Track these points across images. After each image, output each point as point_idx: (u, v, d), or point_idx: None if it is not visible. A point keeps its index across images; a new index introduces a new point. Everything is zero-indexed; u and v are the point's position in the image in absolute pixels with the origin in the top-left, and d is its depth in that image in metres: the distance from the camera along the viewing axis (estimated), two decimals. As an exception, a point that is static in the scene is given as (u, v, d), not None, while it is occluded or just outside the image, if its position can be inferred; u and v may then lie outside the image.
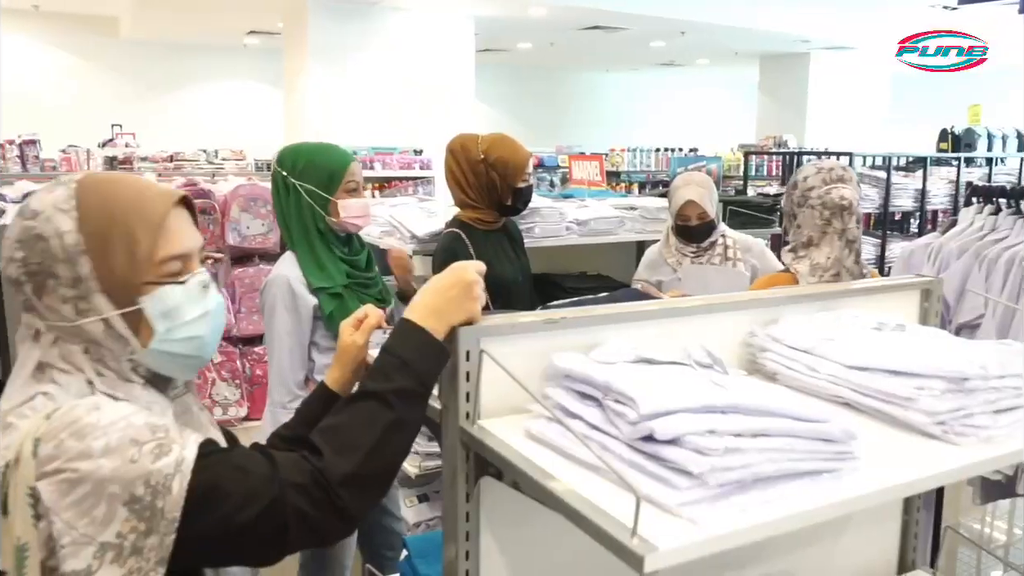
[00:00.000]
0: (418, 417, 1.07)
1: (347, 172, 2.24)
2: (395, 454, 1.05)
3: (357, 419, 1.02)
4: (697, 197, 2.90)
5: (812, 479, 0.92)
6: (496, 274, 2.64)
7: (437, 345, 1.07)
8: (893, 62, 13.25)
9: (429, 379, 1.07)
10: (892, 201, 5.23)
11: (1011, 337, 2.13)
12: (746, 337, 1.35)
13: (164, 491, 0.90)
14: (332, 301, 2.22)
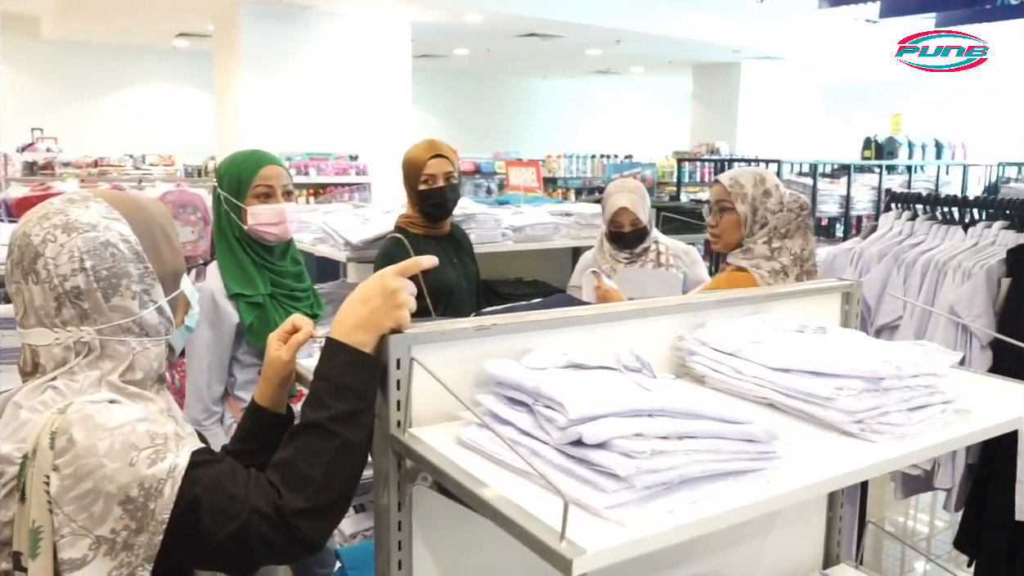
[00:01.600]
0: (365, 434, 1.07)
1: (256, 177, 2.14)
2: (348, 477, 1.05)
3: (302, 452, 1.04)
4: (630, 204, 2.94)
5: (737, 479, 0.94)
6: (437, 279, 2.65)
7: (366, 359, 1.06)
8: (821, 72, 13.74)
9: (366, 394, 1.07)
10: (819, 207, 5.40)
11: (927, 337, 2.22)
12: (675, 341, 1.37)
13: (156, 494, 0.98)
14: (253, 311, 2.13)
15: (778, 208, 2.27)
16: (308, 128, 8.90)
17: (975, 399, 1.25)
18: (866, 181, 5.84)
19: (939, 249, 2.29)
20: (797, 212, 2.28)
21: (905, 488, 2.36)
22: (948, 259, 2.22)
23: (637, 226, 2.95)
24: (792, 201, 2.30)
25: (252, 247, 2.18)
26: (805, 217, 2.31)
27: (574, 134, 16.18)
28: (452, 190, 2.78)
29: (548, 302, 1.88)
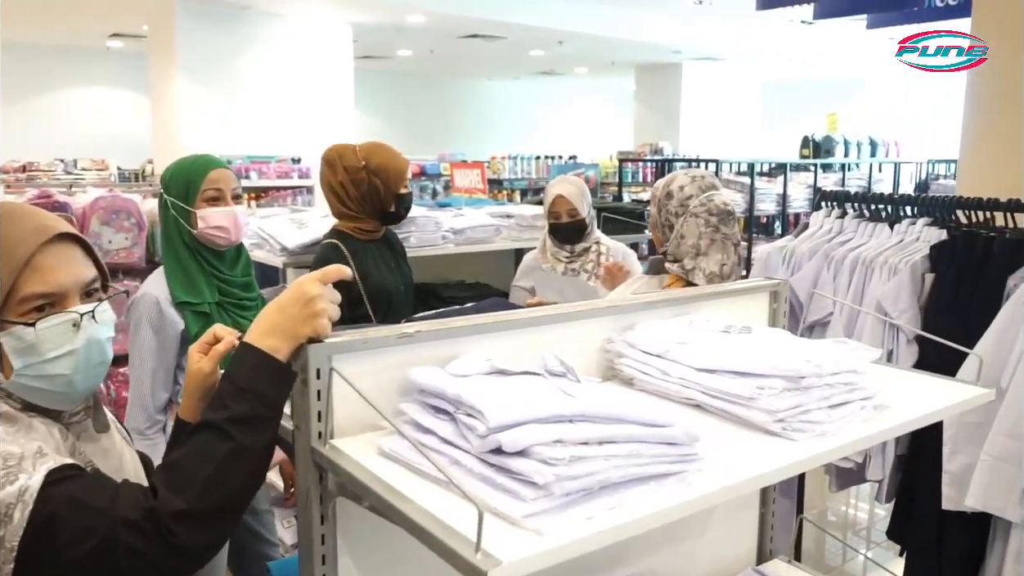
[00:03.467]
0: (263, 442, 1.03)
1: (205, 180, 2.11)
2: (238, 484, 1.01)
3: (193, 452, 1.00)
4: (567, 194, 2.96)
5: (657, 482, 0.94)
6: (377, 284, 2.65)
7: (276, 365, 1.03)
8: (760, 72, 14.01)
9: (272, 401, 1.04)
10: (757, 205, 5.50)
11: (856, 332, 2.26)
12: (604, 344, 1.37)
13: (6, 520, 0.91)
14: (199, 320, 2.09)
15: (679, 210, 2.18)
16: (248, 131, 8.74)
17: (895, 394, 1.27)
18: (802, 179, 5.97)
19: (867, 246, 2.34)
20: (706, 220, 2.13)
21: (839, 481, 2.41)
22: (875, 256, 2.27)
23: (575, 217, 2.96)
24: (699, 206, 2.16)
25: (201, 254, 2.14)
26: (718, 226, 2.15)
27: (519, 135, 16.21)
28: (410, 198, 2.81)
29: (481, 306, 1.87)
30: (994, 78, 2.61)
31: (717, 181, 2.31)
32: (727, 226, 2.16)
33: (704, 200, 2.15)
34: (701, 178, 2.23)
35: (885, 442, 2.22)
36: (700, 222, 2.12)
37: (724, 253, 2.12)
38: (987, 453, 1.93)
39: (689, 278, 2.12)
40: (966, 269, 2.13)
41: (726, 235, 2.15)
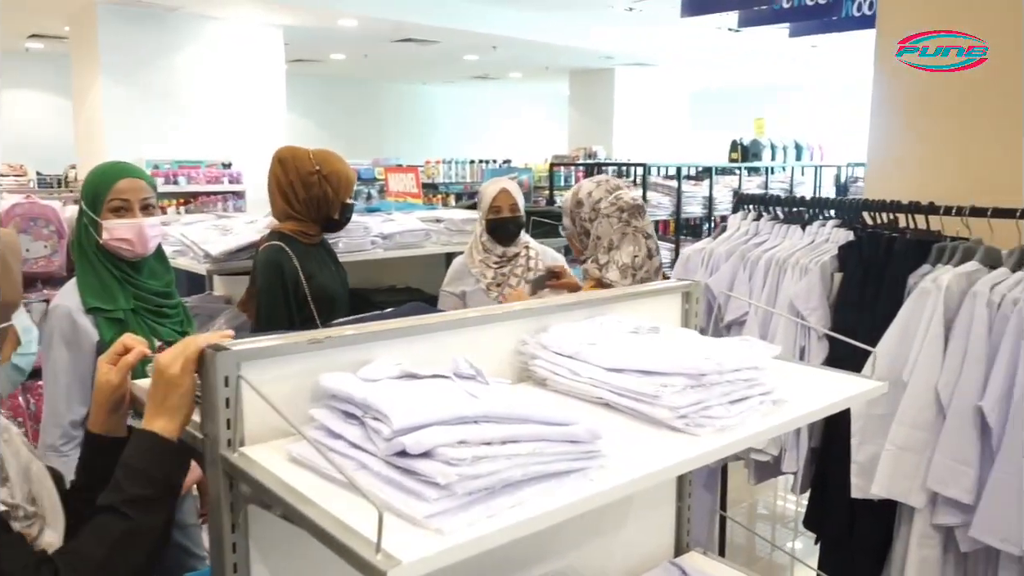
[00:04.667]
0: (158, 522, 1.08)
1: (111, 191, 2.05)
2: (134, 563, 1.05)
3: (91, 534, 1.04)
4: (511, 188, 2.99)
5: (560, 480, 0.97)
6: (321, 286, 2.66)
7: (163, 445, 1.08)
8: (691, 78, 14.32)
9: (167, 481, 1.09)
10: (684, 208, 5.63)
11: (771, 330, 2.35)
12: (518, 346, 1.40)
13: None
14: (112, 327, 2.03)
15: (592, 215, 2.29)
16: (177, 135, 8.56)
17: (795, 389, 1.33)
18: (728, 182, 6.13)
19: (780, 247, 2.43)
20: (618, 216, 2.27)
21: (757, 475, 2.49)
22: (787, 256, 2.36)
23: (516, 213, 2.99)
24: (609, 206, 2.29)
25: (112, 262, 2.09)
26: (629, 221, 2.28)
27: (455, 140, 16.23)
28: (352, 208, 2.84)
29: (401, 311, 1.88)
30: (898, 84, 2.73)
31: (620, 181, 2.41)
32: (637, 219, 2.30)
33: (613, 200, 2.30)
34: (606, 181, 2.37)
35: (799, 435, 2.30)
36: (612, 220, 2.24)
37: (635, 245, 2.25)
38: (891, 443, 2.02)
39: (604, 272, 2.23)
40: (871, 268, 2.23)
41: (636, 228, 2.28)
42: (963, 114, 2.58)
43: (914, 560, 2.05)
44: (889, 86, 2.76)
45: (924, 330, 2.01)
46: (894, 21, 2.75)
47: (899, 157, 2.73)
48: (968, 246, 2.13)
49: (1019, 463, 1.87)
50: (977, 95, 2.54)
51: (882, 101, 2.77)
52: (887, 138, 2.78)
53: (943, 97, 2.62)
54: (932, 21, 2.65)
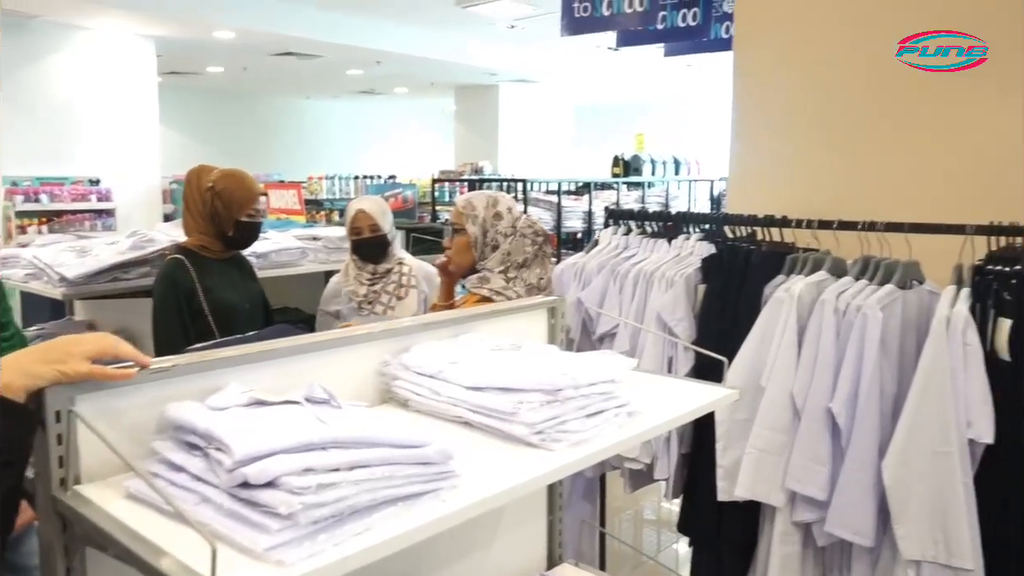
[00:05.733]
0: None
1: None
2: None
3: None
4: (368, 208, 2.99)
5: (411, 503, 0.96)
6: (219, 298, 2.68)
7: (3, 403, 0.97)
8: (573, 94, 14.66)
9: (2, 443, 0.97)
10: (564, 223, 5.74)
11: (640, 342, 2.42)
12: (380, 366, 1.39)
13: None
14: None
15: (510, 231, 2.39)
16: (39, 150, 8.07)
17: (652, 400, 1.38)
18: (607, 197, 6.30)
19: (648, 261, 2.51)
20: (532, 239, 2.39)
21: (632, 483, 2.55)
22: (655, 270, 2.44)
23: (377, 233, 2.98)
24: (527, 227, 2.41)
25: None
26: (542, 245, 2.44)
27: (339, 155, 16.00)
28: (253, 226, 2.83)
29: (264, 335, 1.83)
30: (756, 101, 2.88)
31: None
32: (548, 245, 2.48)
33: (528, 221, 2.46)
34: (514, 200, 2.48)
35: (669, 443, 2.38)
36: (527, 241, 2.37)
37: (543, 268, 2.40)
38: (752, 446, 2.11)
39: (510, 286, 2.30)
40: (731, 279, 2.33)
41: (546, 253, 2.47)
42: (813, 132, 2.75)
43: (777, 557, 2.15)
44: (746, 106, 2.91)
45: (779, 337, 2.12)
46: (749, 45, 2.90)
47: (757, 173, 2.88)
48: (817, 257, 2.26)
49: (866, 461, 1.99)
50: (825, 114, 2.71)
51: (740, 120, 2.92)
52: (745, 155, 2.92)
53: (794, 116, 2.78)
54: (786, 44, 2.81)
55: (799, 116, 2.77)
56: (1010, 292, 1.93)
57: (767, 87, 2.85)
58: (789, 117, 2.80)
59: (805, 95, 2.76)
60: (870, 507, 1.98)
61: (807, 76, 2.75)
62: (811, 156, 2.75)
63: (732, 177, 3.00)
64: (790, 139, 2.80)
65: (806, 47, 2.75)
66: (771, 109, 2.86)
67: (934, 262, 2.10)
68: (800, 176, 2.76)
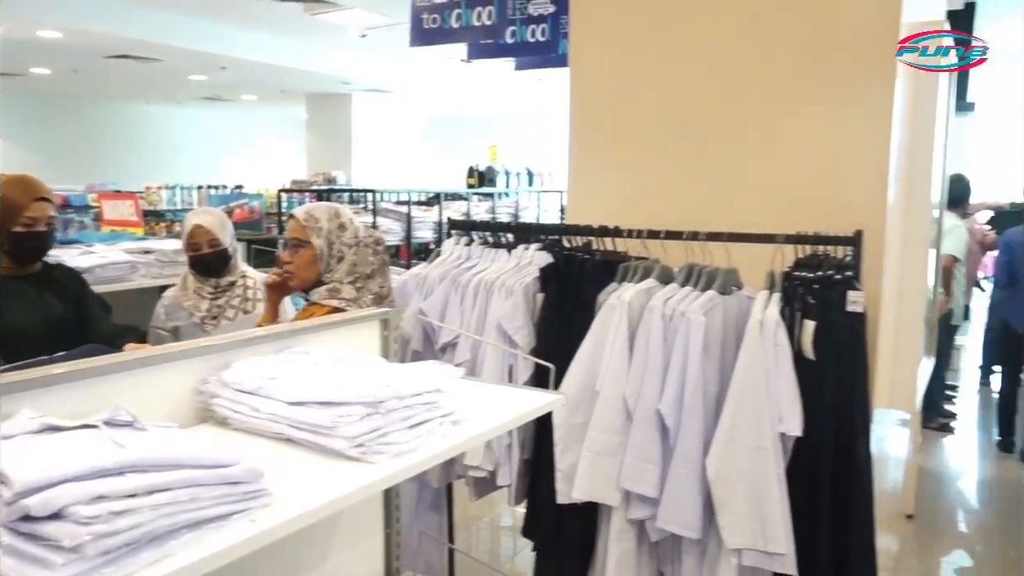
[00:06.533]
0: None
1: None
2: None
3: None
4: (205, 223, 2.86)
5: (217, 525, 0.93)
6: (9, 321, 2.38)
7: None
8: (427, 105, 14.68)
9: None
10: (414, 233, 5.73)
11: (482, 350, 2.45)
12: (198, 384, 1.34)
13: None
14: None
15: (354, 242, 2.35)
16: None
17: (479, 408, 1.40)
18: (458, 208, 6.34)
19: (489, 270, 2.55)
20: (374, 249, 2.39)
21: (476, 490, 2.57)
22: (495, 279, 2.48)
23: (216, 247, 2.86)
24: (367, 236, 2.41)
25: None
26: (383, 254, 2.44)
27: (183, 164, 15.25)
28: (52, 235, 2.60)
29: (74, 354, 1.72)
30: (591, 116, 2.99)
31: None
32: (385, 254, 2.47)
33: (369, 232, 2.44)
34: (354, 212, 2.46)
35: (511, 450, 2.42)
36: (370, 251, 2.36)
37: (384, 277, 2.39)
38: (588, 449, 2.18)
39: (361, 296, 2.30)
40: (568, 288, 2.41)
41: (385, 262, 2.45)
42: (644, 147, 2.88)
43: (613, 554, 2.23)
44: (581, 120, 3.02)
45: (611, 343, 2.20)
46: (583, 61, 3.01)
47: (593, 185, 2.99)
48: (647, 265, 2.37)
49: (692, 458, 2.10)
50: (655, 130, 2.85)
51: (576, 134, 3.02)
52: (582, 168, 3.03)
53: (626, 131, 2.91)
54: (618, 61, 2.93)
55: (631, 131, 2.90)
56: (813, 296, 2.10)
57: (601, 102, 2.97)
58: (622, 132, 2.92)
59: (637, 111, 2.89)
60: (697, 501, 2.10)
61: (639, 92, 2.88)
62: (643, 170, 2.88)
63: (570, 189, 3.10)
64: (623, 153, 2.92)
65: (637, 64, 2.88)
66: (605, 124, 2.97)
67: (753, 269, 2.25)
68: (633, 188, 2.88)
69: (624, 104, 2.92)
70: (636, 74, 2.89)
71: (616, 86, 2.94)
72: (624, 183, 2.90)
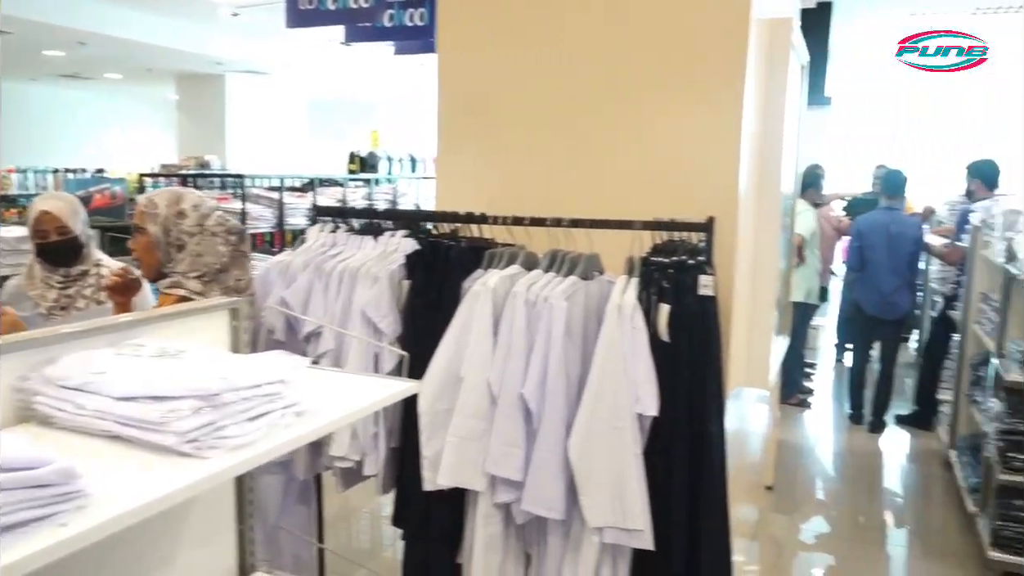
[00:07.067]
0: None
1: None
2: None
3: None
4: (54, 209, 2.70)
5: (21, 531, 0.87)
6: None
7: None
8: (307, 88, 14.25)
9: None
10: (287, 220, 5.58)
11: (346, 340, 2.40)
12: (17, 382, 1.25)
13: None
14: None
15: (196, 230, 2.25)
16: None
17: (328, 398, 1.37)
18: (333, 194, 6.21)
19: (354, 258, 2.50)
20: (225, 239, 2.27)
21: (343, 482, 2.54)
22: (360, 266, 2.44)
23: (66, 235, 2.70)
24: (217, 225, 2.28)
25: None
26: (238, 244, 2.33)
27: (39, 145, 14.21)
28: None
29: None
30: (459, 102, 2.97)
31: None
32: (244, 244, 2.35)
33: (220, 219, 2.33)
34: (202, 197, 2.37)
35: (377, 439, 2.39)
36: (219, 240, 2.24)
37: (242, 269, 2.29)
38: (452, 434, 2.19)
39: (207, 291, 2.19)
40: (433, 275, 2.40)
41: (243, 252, 2.34)
42: (510, 134, 2.89)
43: (480, 538, 2.25)
44: (449, 106, 3.00)
45: (476, 329, 2.21)
46: (451, 47, 2.99)
47: (462, 172, 2.98)
48: (512, 251, 2.39)
49: (555, 440, 2.14)
50: (521, 117, 2.87)
51: (444, 120, 3.00)
52: (450, 154, 3.01)
53: (493, 118, 2.91)
54: (485, 46, 2.92)
55: (499, 119, 2.91)
56: (668, 280, 2.17)
57: (469, 90, 2.96)
58: (490, 120, 2.92)
59: (505, 99, 2.90)
60: (560, 483, 2.14)
61: (506, 81, 2.89)
62: (511, 158, 2.89)
63: (439, 175, 3.08)
64: (492, 141, 2.92)
65: (504, 53, 2.89)
66: (473, 111, 2.96)
67: (615, 255, 2.30)
68: (501, 176, 2.89)
69: (492, 92, 2.92)
70: (503, 63, 2.89)
71: (484, 74, 2.94)
72: (493, 171, 2.91)
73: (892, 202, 5.71)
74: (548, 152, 2.82)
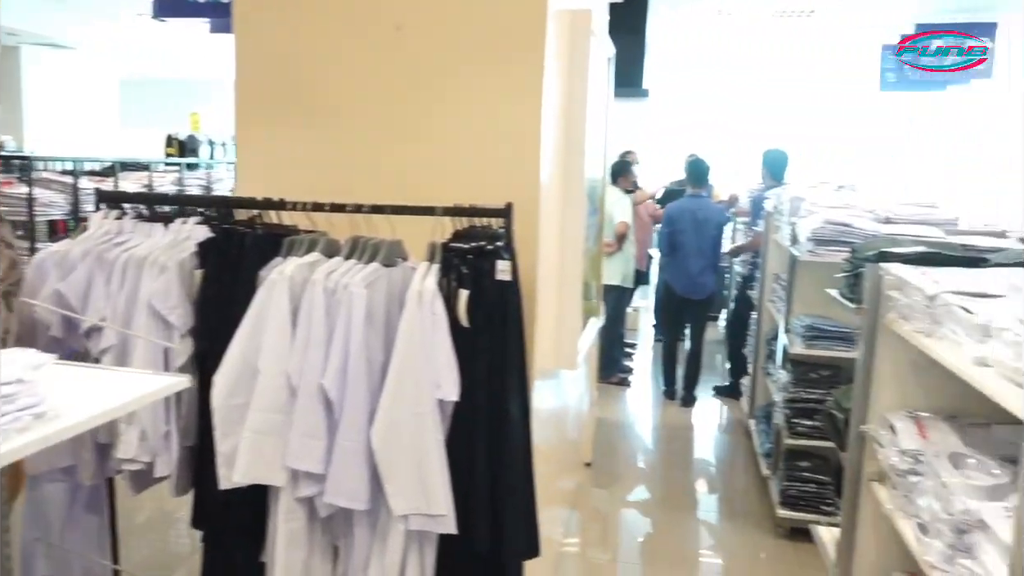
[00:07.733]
0: None
1: None
2: None
3: None
4: None
5: None
6: None
7: None
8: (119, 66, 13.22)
9: None
10: (83, 207, 5.16)
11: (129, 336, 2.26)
12: None
13: None
14: None
15: None
16: None
17: (79, 397, 1.27)
18: (139, 179, 5.82)
19: (142, 246, 2.35)
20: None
21: (134, 485, 2.39)
22: (146, 255, 2.29)
23: None
24: None
25: None
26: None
27: None
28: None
29: None
30: (258, 85, 2.85)
31: None
32: (3, 228, 2.11)
33: None
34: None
35: (168, 438, 2.27)
36: None
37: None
38: (249, 429, 2.10)
39: None
40: (227, 264, 2.29)
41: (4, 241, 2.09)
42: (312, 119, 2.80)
43: (283, 534, 2.18)
44: (248, 90, 2.86)
45: (273, 319, 2.13)
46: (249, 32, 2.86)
47: (263, 157, 2.86)
48: (313, 238, 2.32)
49: (357, 429, 2.10)
50: (322, 102, 2.79)
51: (242, 104, 2.86)
52: (251, 140, 2.89)
53: (295, 103, 2.82)
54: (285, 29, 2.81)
55: (299, 103, 2.81)
56: (467, 266, 2.19)
57: (268, 71, 2.84)
58: (290, 103, 2.83)
59: (305, 82, 2.81)
60: (363, 473, 2.11)
61: (306, 64, 2.79)
62: (313, 143, 2.80)
63: (239, 160, 2.95)
64: (292, 126, 2.83)
65: (303, 35, 2.79)
66: (273, 94, 2.85)
67: (419, 241, 2.29)
68: (304, 162, 2.80)
69: (291, 75, 2.82)
70: (303, 45, 2.80)
71: (283, 56, 2.83)
72: (294, 154, 2.81)
73: (698, 190, 6.07)
74: (353, 138, 2.77)
